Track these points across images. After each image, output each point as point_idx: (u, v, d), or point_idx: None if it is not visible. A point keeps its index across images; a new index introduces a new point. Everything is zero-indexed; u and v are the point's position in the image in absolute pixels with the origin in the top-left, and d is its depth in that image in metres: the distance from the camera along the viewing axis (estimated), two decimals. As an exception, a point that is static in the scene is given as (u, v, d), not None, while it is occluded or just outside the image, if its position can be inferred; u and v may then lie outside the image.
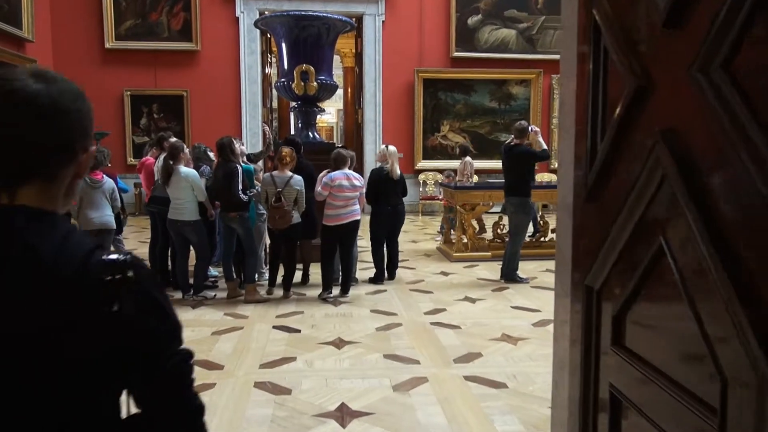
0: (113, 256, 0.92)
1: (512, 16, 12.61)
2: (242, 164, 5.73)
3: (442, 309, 5.15)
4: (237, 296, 5.47)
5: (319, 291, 5.64)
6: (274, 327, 4.60)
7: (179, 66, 12.13)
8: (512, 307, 5.22)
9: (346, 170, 5.52)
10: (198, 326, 4.63)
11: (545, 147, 6.16)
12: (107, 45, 11.86)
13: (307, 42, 7.09)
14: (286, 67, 7.32)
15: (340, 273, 5.65)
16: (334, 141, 24.60)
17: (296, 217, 5.44)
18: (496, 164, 12.90)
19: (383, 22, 12.53)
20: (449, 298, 5.56)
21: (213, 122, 11.76)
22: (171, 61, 12.05)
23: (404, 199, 6.25)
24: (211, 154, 6.06)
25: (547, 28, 12.67)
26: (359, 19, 12.65)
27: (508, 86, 12.82)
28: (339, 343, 4.21)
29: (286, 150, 5.42)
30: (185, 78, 12.13)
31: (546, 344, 4.12)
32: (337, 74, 22.26)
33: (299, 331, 4.51)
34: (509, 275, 6.24)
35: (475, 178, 9.58)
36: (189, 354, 1.00)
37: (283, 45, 7.25)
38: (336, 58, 20.12)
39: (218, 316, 4.92)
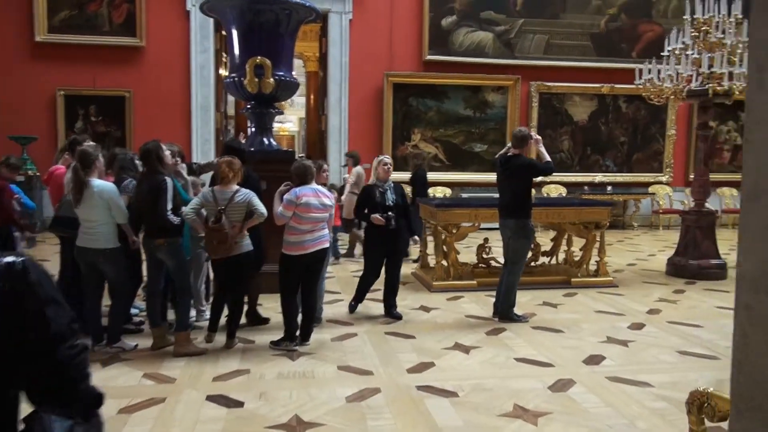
0: (9, 258, 1.04)
1: (489, 18, 11.71)
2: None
3: (430, 364, 4.04)
4: (165, 346, 4.26)
5: (270, 334, 4.49)
6: (208, 398, 3.41)
7: (121, 64, 10.80)
8: (517, 360, 4.15)
9: (315, 185, 4.40)
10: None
11: (548, 158, 5.16)
12: (38, 38, 10.46)
13: (263, 30, 5.94)
14: (237, 60, 6.16)
15: (300, 314, 4.49)
16: (295, 150, 23.53)
17: (245, 244, 4.28)
18: (471, 177, 12.05)
19: (350, 21, 11.46)
20: (436, 345, 4.46)
21: (159, 127, 10.43)
22: (112, 58, 10.72)
23: None
24: (141, 164, 4.84)
25: (526, 32, 11.81)
26: (324, 17, 11.56)
27: (484, 93, 11.89)
28: (296, 426, 3.06)
29: (225, 160, 4.26)
30: (128, 77, 10.81)
31: (575, 421, 3.06)
32: (300, 81, 21.31)
33: (242, 404, 3.33)
34: (505, 312, 5.18)
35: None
36: (85, 347, 1.14)
37: (234, 34, 6.08)
38: (298, 63, 19.08)
39: (134, 380, 3.70)
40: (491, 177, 11.81)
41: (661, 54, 7.32)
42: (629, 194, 12.11)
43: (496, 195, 11.76)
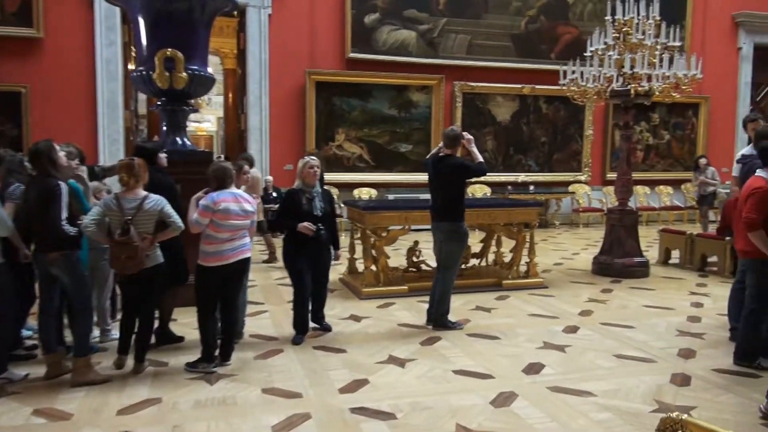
0: None
1: (412, 17, 11.55)
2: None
3: (363, 381, 3.74)
4: (61, 374, 3.73)
5: (186, 355, 4.05)
6: (111, 437, 2.96)
7: (16, 56, 9.82)
8: (455, 372, 3.92)
9: (234, 189, 3.99)
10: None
11: (481, 159, 4.98)
12: None
13: (174, 20, 5.45)
14: (145, 52, 5.62)
15: (220, 330, 4.07)
16: (214, 151, 22.60)
17: (156, 255, 3.82)
18: (397, 178, 11.86)
19: (270, 15, 10.99)
20: (369, 359, 4.16)
21: (60, 126, 9.59)
22: (5, 50, 9.73)
23: None
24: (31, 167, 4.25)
25: (449, 32, 11.75)
26: (242, 12, 11.03)
27: (409, 92, 11.73)
28: (215, 466, 2.68)
29: (123, 164, 3.78)
30: (24, 71, 9.85)
31: (526, 446, 2.84)
32: (218, 79, 20.46)
33: (151, 442, 2.91)
34: (439, 320, 4.96)
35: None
36: None
37: (141, 23, 5.55)
38: (215, 60, 18.31)
39: (22, 418, 3.18)
40: (417, 177, 11.79)
41: (584, 54, 7.35)
42: (551, 193, 12.31)
43: (423, 196, 11.61)
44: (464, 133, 4.96)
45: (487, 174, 5.09)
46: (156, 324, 4.29)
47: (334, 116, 11.37)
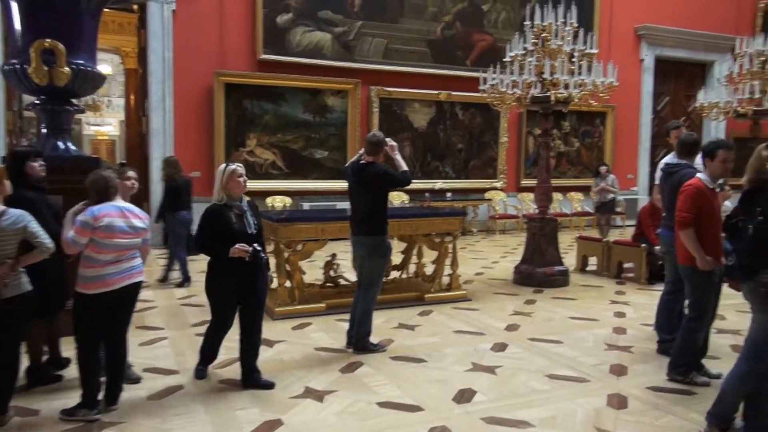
0: None
1: (327, 18, 11.13)
2: None
3: (276, 422, 3.26)
4: None
5: (62, 399, 3.42)
6: None
7: None
8: (380, 405, 3.52)
9: (120, 202, 3.39)
10: None
11: (405, 167, 4.63)
12: None
13: (54, 6, 4.75)
14: (19, 42, 4.88)
15: (105, 366, 3.46)
16: (117, 157, 21.13)
17: (19, 284, 3.17)
18: (312, 185, 11.36)
19: (174, 11, 10.23)
20: (283, 393, 3.68)
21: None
22: None
23: None
24: None
25: (365, 35, 11.42)
26: (142, 6, 10.22)
27: (324, 96, 11.28)
28: None
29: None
30: None
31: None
32: (119, 81, 19.12)
33: None
34: (360, 343, 4.55)
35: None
36: None
37: (14, 7, 4.80)
38: (115, 58, 17.06)
39: None
40: (334, 185, 11.36)
41: (504, 60, 7.21)
42: (468, 200, 12.22)
43: (340, 204, 11.18)
44: (387, 140, 4.60)
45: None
46: (29, 362, 3.63)
47: (245, 120, 10.74)
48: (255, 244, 3.69)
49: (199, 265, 8.33)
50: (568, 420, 3.34)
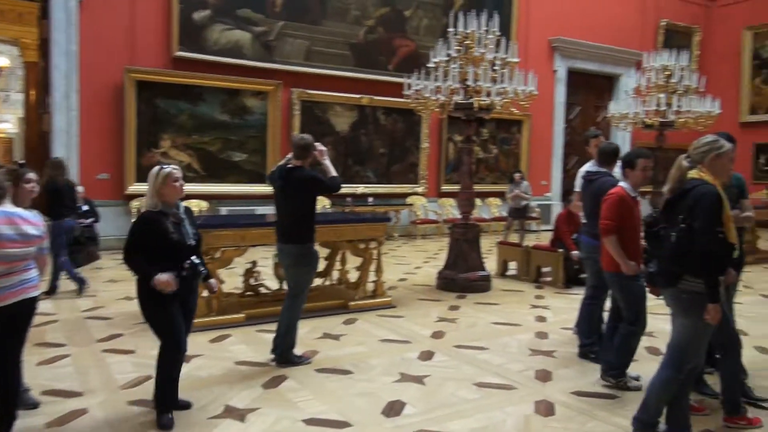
0: None
1: (247, 17, 10.81)
2: None
3: (194, 446, 3.03)
4: None
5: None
6: None
7: None
8: (305, 423, 3.34)
9: (9, 207, 3.03)
10: None
11: (334, 173, 4.47)
12: None
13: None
14: None
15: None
16: (15, 158, 19.59)
17: None
18: (231, 189, 10.93)
19: (80, 1, 9.59)
20: (201, 414, 3.43)
21: None
22: None
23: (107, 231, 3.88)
24: None
25: (286, 36, 11.18)
26: (44, -6, 9.52)
27: (243, 97, 10.94)
28: None
29: None
30: None
31: None
32: (18, 74, 17.75)
33: None
34: (284, 355, 4.35)
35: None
36: None
37: None
38: (14, 50, 15.86)
39: None
40: (253, 189, 11.01)
41: (427, 66, 7.22)
42: (389, 205, 12.21)
43: (260, 209, 10.88)
44: (317, 144, 4.44)
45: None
46: None
47: (159, 120, 10.22)
48: (193, 257, 3.33)
49: (106, 273, 7.82)
50: (498, 430, 3.30)
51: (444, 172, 13.41)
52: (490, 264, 8.43)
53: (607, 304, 4.46)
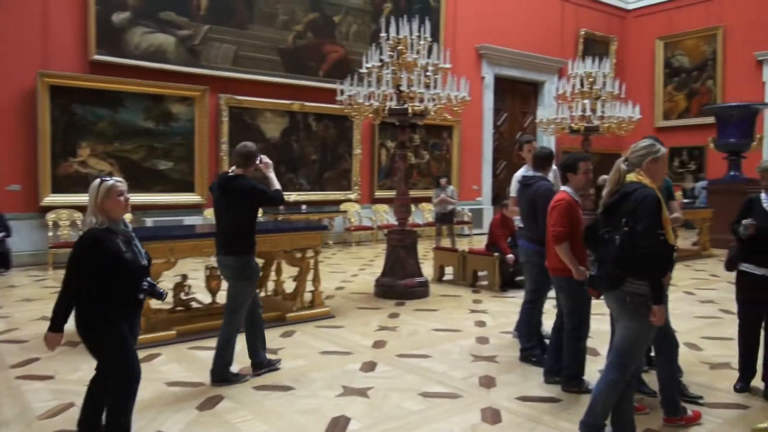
0: None
1: (170, 20, 10.40)
2: None
3: (124, 480, 2.78)
4: None
5: None
6: None
7: None
8: (246, 445, 3.16)
9: None
10: None
11: (278, 185, 4.31)
12: None
13: None
14: None
15: None
16: None
17: None
18: (156, 199, 10.41)
19: (-15, 1, 8.92)
20: (130, 442, 3.18)
21: None
22: None
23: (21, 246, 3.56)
24: None
25: (213, 40, 10.84)
26: (-57, -8, 8.80)
27: (167, 103, 10.51)
28: None
29: None
30: None
31: None
32: None
33: None
34: (220, 374, 4.13)
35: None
36: None
37: None
38: None
39: None
40: (180, 198, 10.58)
41: (360, 71, 7.14)
42: (323, 213, 12.04)
43: (189, 219, 10.47)
44: (263, 157, 4.28)
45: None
46: None
47: (76, 127, 9.65)
48: (148, 278, 2.99)
49: (20, 291, 7.26)
50: (446, 441, 3.23)
51: (377, 178, 13.37)
52: (427, 269, 8.42)
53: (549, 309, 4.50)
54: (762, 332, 3.95)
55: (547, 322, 5.33)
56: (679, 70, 17.26)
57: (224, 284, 4.41)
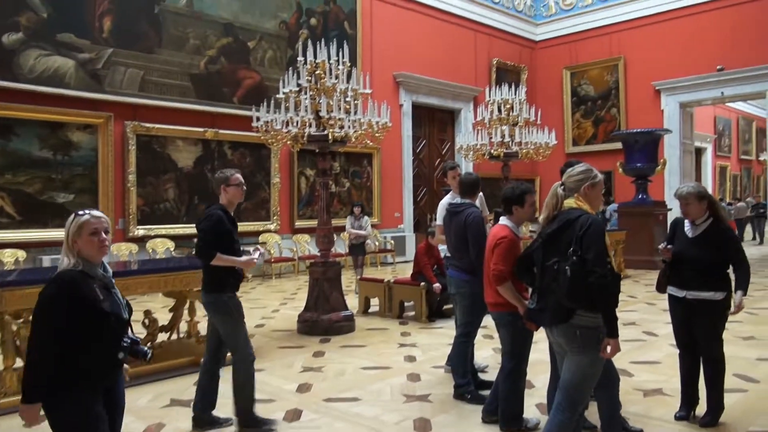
0: None
1: (69, 42, 9.68)
2: None
3: None
4: None
5: None
6: None
7: None
8: None
9: None
10: None
11: (233, 262, 3.91)
12: None
13: None
14: None
15: None
16: None
17: None
18: (54, 235, 9.54)
19: None
20: None
21: None
22: None
23: None
24: None
25: (117, 64, 10.19)
26: None
27: (67, 131, 9.72)
28: None
29: None
30: None
31: None
32: None
33: None
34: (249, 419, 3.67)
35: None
36: None
37: None
38: None
39: None
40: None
41: (277, 96, 6.84)
42: (242, 244, 11.48)
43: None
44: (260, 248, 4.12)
45: (171, 226, 4.09)
46: None
47: (-41, 158, 8.71)
48: (129, 334, 2.48)
49: None
50: (384, 501, 2.91)
51: (297, 208, 12.98)
52: (351, 301, 8.12)
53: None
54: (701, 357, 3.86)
55: (479, 353, 5.17)
56: (585, 98, 18.06)
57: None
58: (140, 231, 10.32)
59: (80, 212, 2.50)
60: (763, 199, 21.26)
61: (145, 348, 2.51)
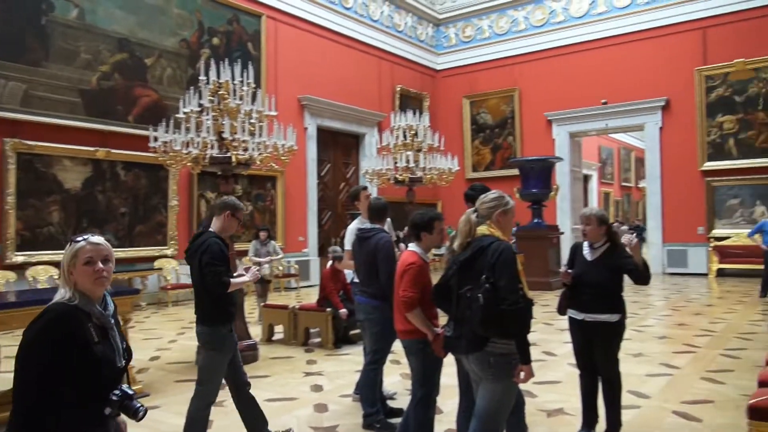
0: None
1: (-61, 51, 8.81)
2: None
3: None
4: None
5: None
6: None
7: None
8: None
9: None
10: None
11: (237, 283, 3.71)
12: None
13: None
14: None
15: None
16: None
17: None
18: None
19: None
20: None
21: None
22: None
23: None
24: None
25: (-4, 77, 9.39)
26: None
27: (-66, 148, 8.79)
28: None
29: None
30: None
31: None
32: None
33: None
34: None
35: None
36: None
37: None
38: None
39: None
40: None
41: (177, 117, 6.54)
42: (134, 271, 10.87)
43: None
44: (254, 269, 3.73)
45: (55, 252, 3.78)
46: None
47: None
48: (123, 386, 2.09)
49: None
50: None
51: (196, 232, 12.43)
52: (254, 329, 7.83)
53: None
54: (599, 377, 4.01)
55: (387, 379, 5.11)
56: (483, 126, 18.81)
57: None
58: (19, 258, 9.47)
59: (77, 238, 2.13)
60: (643, 224, 22.98)
61: (139, 404, 2.08)
